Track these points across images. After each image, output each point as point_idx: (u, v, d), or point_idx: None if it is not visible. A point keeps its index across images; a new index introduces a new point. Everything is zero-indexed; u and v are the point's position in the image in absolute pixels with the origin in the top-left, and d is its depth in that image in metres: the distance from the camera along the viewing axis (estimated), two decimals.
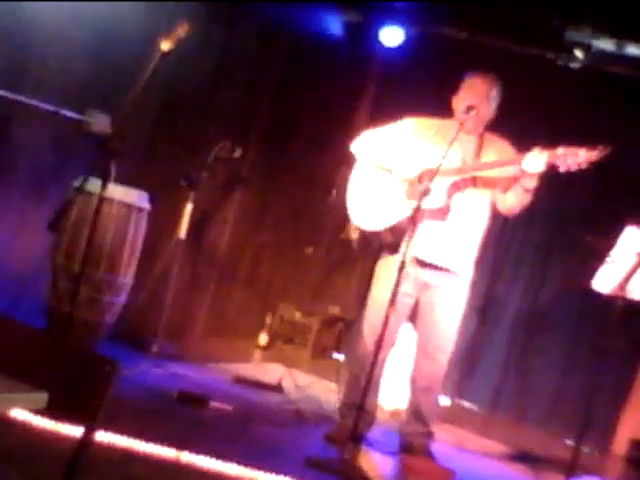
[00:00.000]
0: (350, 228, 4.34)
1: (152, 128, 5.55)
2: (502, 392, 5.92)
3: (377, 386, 4.31)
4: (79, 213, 4.52)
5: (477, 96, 4.16)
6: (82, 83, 4.98)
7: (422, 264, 4.17)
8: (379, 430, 4.52)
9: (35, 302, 4.68)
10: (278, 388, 5.15)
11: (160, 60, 3.71)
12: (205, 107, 5.78)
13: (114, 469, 3.13)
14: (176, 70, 4.96)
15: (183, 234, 5.06)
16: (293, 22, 6.12)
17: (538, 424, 5.75)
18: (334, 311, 6.29)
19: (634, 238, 4.10)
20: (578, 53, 5.61)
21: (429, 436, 4.35)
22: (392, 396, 5.12)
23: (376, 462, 4.25)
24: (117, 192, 4.60)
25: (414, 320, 4.38)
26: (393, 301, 3.81)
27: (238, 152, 5.34)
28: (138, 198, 4.81)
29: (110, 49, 4.99)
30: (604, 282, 4.17)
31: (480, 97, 4.16)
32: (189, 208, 5.06)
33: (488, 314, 6.00)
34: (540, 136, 4.13)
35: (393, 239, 4.10)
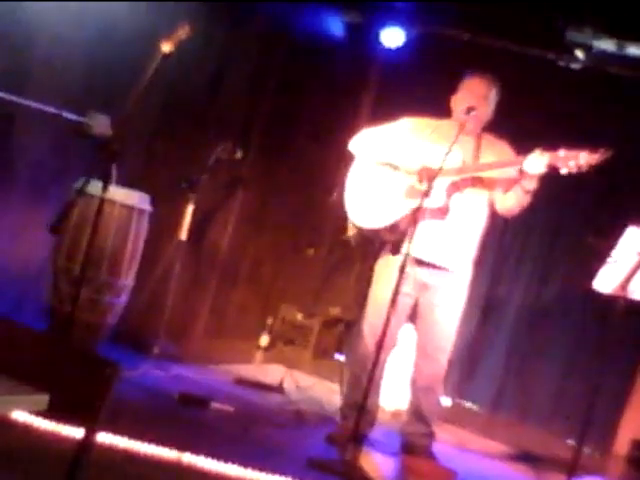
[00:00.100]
0: (348, 225, 4.34)
1: (153, 130, 5.55)
2: (503, 392, 5.91)
3: (378, 387, 4.31)
4: (80, 215, 4.52)
5: (476, 97, 4.16)
6: (83, 85, 4.98)
7: (420, 263, 4.17)
8: (380, 431, 4.52)
9: (36, 304, 4.69)
10: (279, 389, 5.15)
11: (161, 62, 3.73)
12: (206, 109, 5.78)
13: (115, 471, 3.13)
14: (177, 72, 4.96)
15: (184, 236, 5.06)
16: (294, 23, 6.12)
17: (539, 424, 5.74)
18: (335, 312, 6.28)
19: (635, 238, 4.09)
20: (579, 54, 5.60)
21: (430, 436, 4.35)
22: (393, 397, 5.13)
23: (377, 463, 4.25)
24: (118, 194, 4.60)
25: (414, 320, 4.38)
26: (394, 301, 3.81)
27: (239, 153, 5.35)
28: (139, 200, 4.81)
29: (111, 51, 4.99)
30: (605, 282, 4.17)
31: (479, 98, 4.17)
32: (190, 209, 5.06)
33: (490, 314, 5.99)
34: (541, 137, 4.12)
35: (395, 239, 4.10)
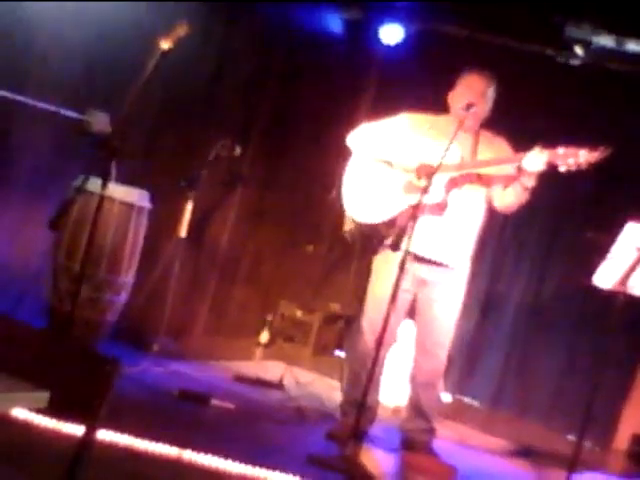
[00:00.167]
0: (345, 220, 4.34)
1: (152, 127, 5.54)
2: (504, 388, 5.91)
3: (378, 383, 4.32)
4: (80, 212, 4.52)
5: (475, 93, 4.16)
6: (82, 83, 4.98)
7: (419, 259, 4.18)
8: (380, 427, 4.52)
9: (36, 301, 4.69)
10: (279, 386, 5.16)
11: (160, 59, 3.72)
12: (205, 106, 5.77)
13: (116, 468, 3.13)
14: (176, 69, 4.95)
15: (184, 233, 5.07)
16: (293, 20, 6.12)
17: (540, 420, 5.74)
18: (335, 308, 6.28)
19: (635, 234, 4.09)
20: (578, 50, 5.60)
21: (430, 433, 4.36)
22: (393, 393, 5.13)
23: (378, 459, 4.26)
24: (118, 191, 4.60)
25: (413, 316, 4.39)
26: (394, 298, 3.82)
27: (238, 150, 5.34)
28: (139, 197, 4.82)
29: (110, 49, 4.98)
30: (605, 278, 4.17)
31: (478, 94, 4.17)
32: (189, 207, 5.07)
33: (490, 310, 5.99)
34: (540, 133, 4.12)
35: (393, 235, 4.10)
